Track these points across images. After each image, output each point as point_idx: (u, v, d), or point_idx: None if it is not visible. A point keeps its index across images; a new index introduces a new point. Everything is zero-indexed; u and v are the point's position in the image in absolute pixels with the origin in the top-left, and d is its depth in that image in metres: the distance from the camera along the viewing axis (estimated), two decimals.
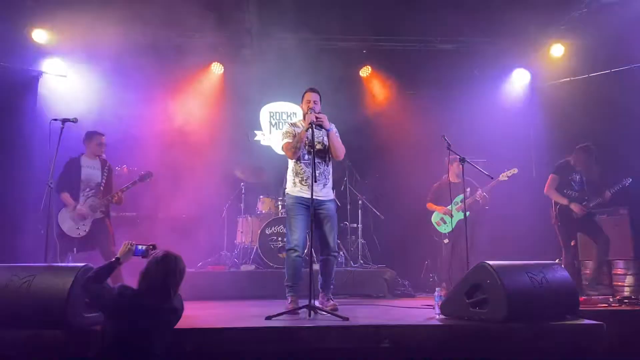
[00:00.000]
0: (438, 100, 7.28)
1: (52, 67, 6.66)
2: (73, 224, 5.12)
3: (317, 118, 4.31)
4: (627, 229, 6.04)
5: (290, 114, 7.89)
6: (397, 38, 7.36)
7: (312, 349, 3.41)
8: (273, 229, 6.32)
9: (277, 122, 7.97)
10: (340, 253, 6.61)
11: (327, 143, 4.49)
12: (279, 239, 6.16)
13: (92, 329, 3.35)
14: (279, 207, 6.67)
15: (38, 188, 4.93)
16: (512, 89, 7.56)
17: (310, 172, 4.34)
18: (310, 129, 4.28)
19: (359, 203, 7.00)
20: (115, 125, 6.42)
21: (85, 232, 5.15)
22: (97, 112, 6.47)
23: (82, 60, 6.60)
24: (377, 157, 7.56)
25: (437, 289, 4.03)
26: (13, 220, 6.12)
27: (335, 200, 6.65)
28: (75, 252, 5.12)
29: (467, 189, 5.89)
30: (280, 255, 6.08)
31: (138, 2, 5.78)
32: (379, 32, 7.24)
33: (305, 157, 4.46)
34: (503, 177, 6.03)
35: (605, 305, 4.74)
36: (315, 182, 4.18)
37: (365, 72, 7.86)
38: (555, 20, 6.58)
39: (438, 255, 6.48)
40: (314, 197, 4.16)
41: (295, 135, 4.46)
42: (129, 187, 5.34)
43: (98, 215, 5.22)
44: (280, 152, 4.64)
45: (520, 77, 7.51)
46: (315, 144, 4.31)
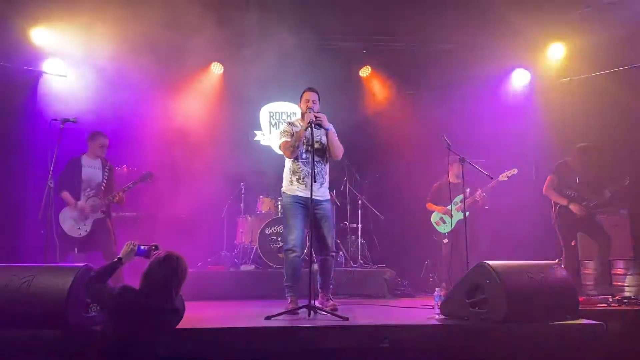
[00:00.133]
0: (438, 100, 7.27)
1: (52, 67, 6.66)
2: (74, 224, 5.10)
3: (316, 117, 4.31)
4: (626, 229, 6.05)
5: (290, 114, 7.88)
6: (397, 38, 7.36)
7: (311, 349, 3.41)
8: (273, 229, 6.31)
9: (277, 122, 7.97)
10: (340, 253, 6.61)
11: (325, 142, 4.49)
12: (279, 239, 6.15)
13: (92, 329, 3.36)
14: (279, 207, 6.67)
15: (38, 188, 4.92)
16: (512, 89, 7.55)
17: (308, 171, 4.35)
18: (310, 128, 4.27)
19: (359, 203, 7.00)
20: (115, 125, 6.42)
21: (87, 232, 5.14)
22: (96, 112, 6.46)
23: (82, 60, 6.59)
24: (376, 157, 7.55)
25: (436, 289, 4.03)
26: (13, 220, 6.11)
27: (335, 200, 6.74)
28: (76, 252, 5.12)
29: (466, 189, 5.88)
30: (280, 255, 6.06)
31: (138, 1, 5.78)
32: (379, 32, 7.24)
33: (303, 155, 4.45)
34: (503, 177, 6.03)
35: (605, 305, 4.74)
36: (315, 181, 4.18)
37: (365, 72, 7.86)
38: (555, 20, 6.57)
39: (438, 255, 6.48)
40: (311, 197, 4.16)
41: (294, 134, 4.46)
42: (130, 187, 5.33)
43: (99, 216, 5.21)
44: (279, 151, 4.63)
45: (520, 77, 7.50)
46: (314, 143, 4.31)
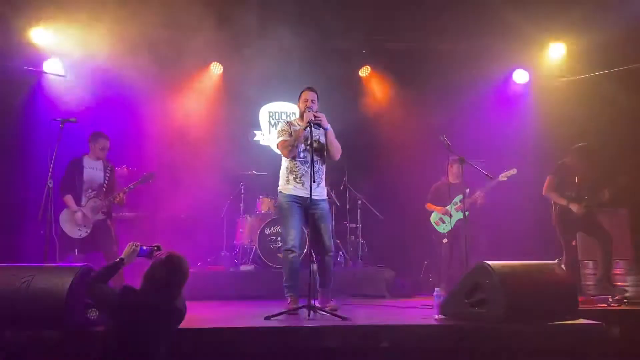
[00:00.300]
0: (437, 101, 7.26)
1: (51, 67, 6.66)
2: (74, 225, 5.11)
3: (315, 117, 4.30)
4: (626, 229, 6.05)
5: (290, 114, 7.87)
6: (396, 38, 7.35)
7: (311, 349, 3.41)
8: (272, 229, 6.31)
9: (276, 122, 7.96)
10: (340, 253, 6.62)
11: (323, 142, 4.47)
12: (279, 239, 6.14)
13: (92, 330, 3.35)
14: None
15: (38, 188, 4.91)
16: (511, 89, 7.55)
17: (305, 170, 4.35)
18: (308, 127, 4.26)
19: (359, 203, 7.00)
20: (115, 125, 6.42)
21: (87, 233, 5.14)
22: (96, 111, 6.47)
23: (81, 60, 6.59)
24: (376, 157, 7.54)
25: (436, 289, 4.02)
26: (12, 220, 6.11)
27: (335, 200, 6.74)
28: (77, 253, 5.11)
29: (466, 189, 5.89)
30: (280, 255, 6.06)
31: (137, 1, 5.78)
32: (379, 32, 7.23)
33: (301, 155, 4.43)
34: (502, 177, 6.02)
35: (605, 305, 4.75)
36: (314, 181, 4.17)
37: (365, 72, 7.85)
38: (555, 21, 6.57)
39: (437, 255, 6.47)
40: (308, 196, 4.15)
41: (292, 134, 4.44)
42: (132, 188, 5.33)
43: (100, 217, 5.21)
44: (277, 150, 4.60)
45: (520, 77, 7.50)
46: (312, 143, 4.30)
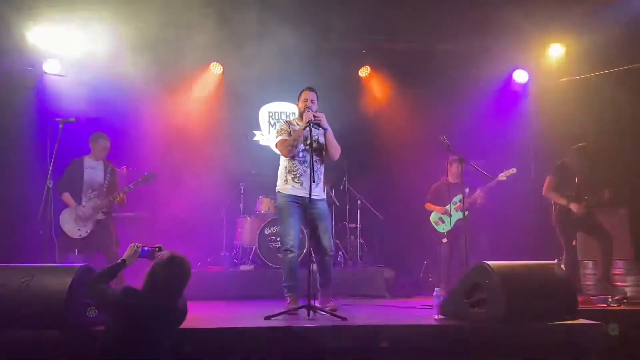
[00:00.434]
0: (437, 101, 7.26)
1: (51, 67, 6.66)
2: (74, 225, 5.10)
3: (314, 117, 4.30)
4: (626, 229, 6.05)
5: (290, 114, 7.87)
6: (396, 38, 7.35)
7: (311, 349, 3.41)
8: (272, 229, 6.31)
9: (275, 122, 7.96)
10: (339, 253, 6.62)
11: (323, 142, 4.47)
12: (278, 239, 6.14)
13: (92, 330, 3.35)
14: None
15: (37, 188, 4.91)
16: (511, 89, 7.55)
17: (304, 169, 4.34)
18: (308, 127, 4.26)
19: (358, 203, 7.00)
20: (115, 125, 6.42)
21: (87, 233, 5.13)
22: (96, 111, 6.46)
23: (81, 60, 6.60)
24: (376, 157, 7.55)
25: (436, 289, 4.02)
26: (12, 220, 6.11)
27: (335, 200, 6.74)
28: (77, 253, 5.10)
29: (465, 189, 5.89)
30: (279, 255, 6.07)
31: (137, 1, 5.78)
32: (378, 32, 7.23)
33: (300, 154, 4.42)
34: (502, 177, 6.02)
35: (604, 306, 4.75)
36: (314, 181, 4.17)
37: (365, 72, 7.85)
38: (555, 21, 6.57)
39: (437, 255, 6.48)
40: (307, 196, 4.15)
41: (291, 133, 4.44)
42: (132, 188, 5.33)
43: (100, 217, 5.20)
44: (276, 150, 4.60)
45: (519, 77, 7.50)
46: (312, 143, 4.29)
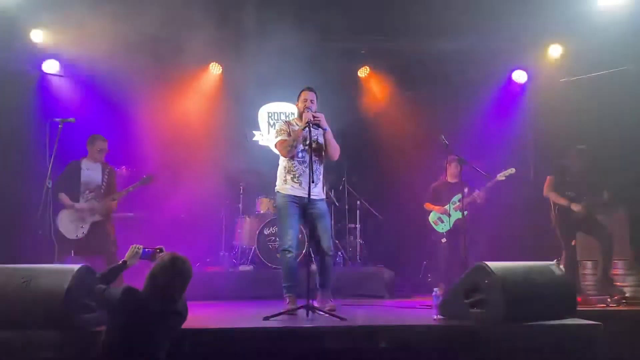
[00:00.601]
0: (436, 101, 7.27)
1: (50, 67, 6.66)
2: (71, 226, 5.10)
3: (314, 117, 4.30)
4: (625, 229, 6.05)
5: (289, 114, 7.86)
6: (395, 38, 7.35)
7: (310, 350, 3.41)
8: (271, 230, 6.31)
9: (275, 122, 7.97)
10: (339, 253, 6.61)
11: (322, 142, 4.47)
12: (277, 240, 6.15)
13: (91, 330, 3.35)
14: None
15: (37, 188, 4.91)
16: (510, 90, 7.56)
17: (303, 170, 4.35)
18: (307, 128, 4.26)
19: (358, 203, 7.00)
20: (114, 125, 6.42)
21: (83, 234, 5.12)
22: (95, 111, 6.46)
23: (80, 60, 6.59)
24: (375, 157, 7.55)
25: (435, 289, 4.02)
26: (11, 220, 6.10)
27: (334, 201, 6.74)
28: (73, 255, 5.10)
29: (465, 189, 5.89)
30: (279, 256, 6.07)
31: (136, 1, 5.77)
32: (378, 32, 7.23)
33: (299, 154, 4.42)
34: (501, 177, 6.02)
35: (604, 306, 4.75)
36: (312, 181, 4.17)
37: (364, 72, 7.85)
38: (554, 21, 6.58)
39: (436, 255, 6.48)
40: (306, 196, 4.15)
41: (290, 134, 4.44)
42: (130, 190, 5.33)
43: (97, 218, 5.20)
44: (275, 150, 4.60)
45: (519, 77, 7.50)
46: (311, 143, 4.29)
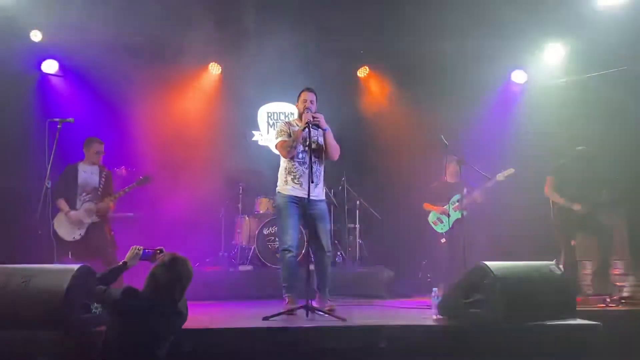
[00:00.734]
0: (435, 101, 7.26)
1: (49, 67, 6.66)
2: (69, 228, 5.10)
3: (313, 117, 4.30)
4: (625, 230, 6.04)
5: (288, 114, 7.87)
6: (395, 38, 7.34)
7: (309, 350, 3.41)
8: (271, 230, 6.31)
9: (274, 122, 7.96)
10: (338, 253, 6.61)
11: (322, 143, 4.47)
12: (277, 240, 6.15)
13: (90, 330, 3.35)
14: None
15: (36, 188, 4.91)
16: (509, 90, 7.56)
17: (303, 170, 4.35)
18: (307, 128, 4.26)
19: (357, 203, 7.00)
20: (113, 126, 6.42)
21: (81, 236, 5.12)
22: (94, 112, 6.46)
23: (79, 60, 6.59)
24: (375, 157, 7.53)
25: (434, 289, 4.03)
26: (10, 221, 6.10)
27: (333, 201, 6.73)
28: (70, 256, 5.10)
29: (464, 189, 5.88)
30: (278, 256, 6.07)
31: (136, 1, 5.78)
32: (377, 32, 7.23)
33: (299, 155, 4.43)
34: (500, 177, 6.02)
35: (603, 306, 4.75)
36: (312, 182, 4.17)
37: (363, 72, 7.85)
38: (553, 22, 6.58)
39: (435, 255, 6.48)
40: (306, 196, 4.15)
41: (290, 134, 4.45)
42: (126, 191, 5.33)
43: (94, 219, 5.20)
44: (276, 150, 4.60)
45: (518, 77, 7.50)
46: (311, 144, 4.30)
